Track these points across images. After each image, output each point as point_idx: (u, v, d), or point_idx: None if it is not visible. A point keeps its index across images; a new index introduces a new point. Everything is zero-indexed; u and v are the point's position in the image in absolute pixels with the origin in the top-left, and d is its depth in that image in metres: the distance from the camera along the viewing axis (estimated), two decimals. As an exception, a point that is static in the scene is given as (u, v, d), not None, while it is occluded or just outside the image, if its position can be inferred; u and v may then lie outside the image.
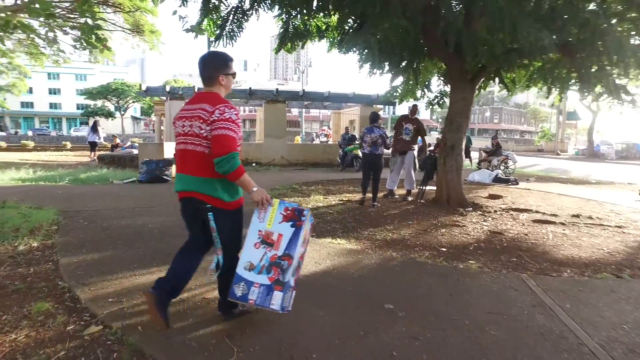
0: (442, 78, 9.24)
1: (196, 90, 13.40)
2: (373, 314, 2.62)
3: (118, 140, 19.71)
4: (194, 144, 2.12)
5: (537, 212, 6.31)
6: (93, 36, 5.96)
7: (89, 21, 5.92)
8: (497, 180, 10.52)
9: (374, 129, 6.27)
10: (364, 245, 4.27)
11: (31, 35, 23.04)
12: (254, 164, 13.42)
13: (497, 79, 7.14)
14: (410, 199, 7.09)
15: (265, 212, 2.25)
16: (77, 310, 2.52)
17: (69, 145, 27.01)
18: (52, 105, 67.04)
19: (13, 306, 2.56)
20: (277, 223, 2.24)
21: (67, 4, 19.63)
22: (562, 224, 5.50)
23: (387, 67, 6.49)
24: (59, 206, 5.49)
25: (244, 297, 2.17)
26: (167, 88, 13.15)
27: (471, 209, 6.33)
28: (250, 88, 13.35)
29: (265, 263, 2.19)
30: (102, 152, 15.50)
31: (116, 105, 52.98)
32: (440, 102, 9.52)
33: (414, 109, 7.27)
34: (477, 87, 6.61)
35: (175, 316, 2.46)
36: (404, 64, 6.64)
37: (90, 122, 17.66)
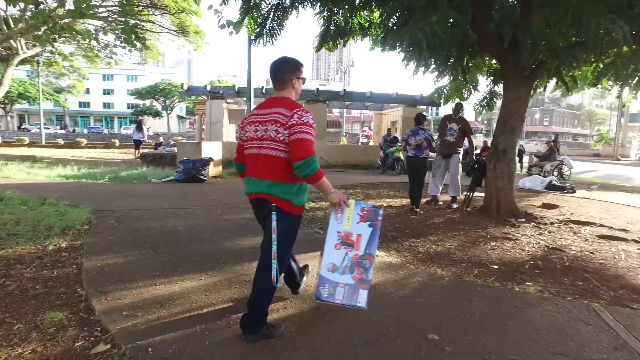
0: (491, 77, 8.60)
1: (236, 89, 13.45)
2: (414, 347, 2.25)
3: (161, 139, 20.32)
4: (269, 148, 2.13)
5: (601, 225, 5.62)
6: (133, 35, 5.98)
7: (130, 20, 5.93)
8: (550, 187, 9.68)
9: (419, 131, 5.96)
10: (405, 259, 3.88)
11: (87, 40, 24.34)
12: (291, 165, 13.25)
13: (555, 77, 6.50)
14: (455, 206, 6.57)
15: (342, 213, 2.31)
16: (89, 323, 2.34)
17: (117, 143, 28.24)
18: (106, 105, 70.89)
19: (29, 313, 2.43)
20: (354, 224, 2.32)
21: (118, 8, 20.53)
22: (636, 241, 4.82)
23: (433, 65, 6.03)
24: (94, 205, 5.50)
25: (330, 297, 2.28)
26: (208, 87, 13.26)
27: (524, 219, 5.74)
28: (289, 88, 13.20)
29: (348, 263, 2.29)
30: (145, 151, 15.96)
31: (163, 104, 55.18)
32: (490, 103, 8.85)
33: (458, 108, 6.77)
34: (533, 85, 5.99)
35: (191, 339, 2.22)
36: (452, 60, 6.14)
37: (145, 121, 18.33)
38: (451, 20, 5.40)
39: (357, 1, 6.58)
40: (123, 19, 21.19)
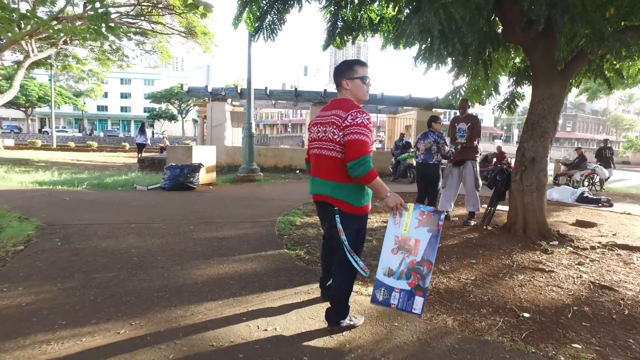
0: (513, 78, 7.61)
1: (239, 90, 12.73)
2: None
3: (167, 142, 19.81)
4: (328, 149, 2.22)
5: (656, 252, 4.58)
6: (103, 25, 5.24)
7: (97, 5, 5.19)
8: (582, 200, 8.58)
9: (428, 134, 5.38)
10: (404, 300, 2.97)
11: (99, 43, 24.19)
12: (297, 171, 12.45)
13: (596, 73, 5.49)
14: (473, 223, 5.61)
15: (400, 217, 2.27)
16: None
17: (127, 146, 27.99)
18: (123, 109, 71.74)
19: None
20: (413, 228, 2.26)
21: (129, 9, 20.26)
22: None
23: (449, 59, 5.12)
24: (51, 217, 4.76)
25: (385, 301, 2.27)
26: (209, 89, 12.58)
27: (557, 242, 4.75)
28: (295, 89, 12.43)
29: (404, 268, 2.24)
30: (146, 154, 15.38)
31: (178, 108, 55.32)
32: (511, 106, 7.85)
33: (463, 104, 5.85)
34: (569, 82, 5.01)
35: None
36: (471, 53, 5.20)
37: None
38: (470, 1, 4.49)
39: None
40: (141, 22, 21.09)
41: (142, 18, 20.12)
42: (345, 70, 2.28)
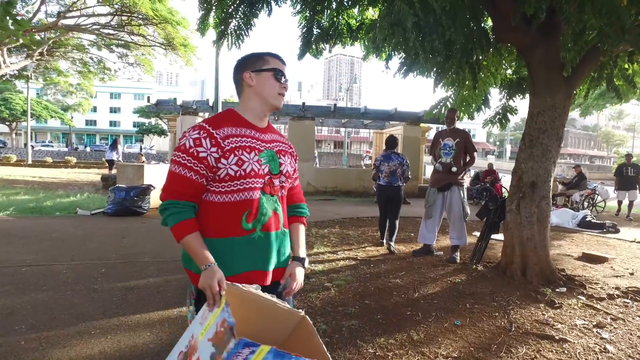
0: (505, 90, 6.79)
1: (210, 103, 11.80)
2: None
3: (143, 158, 18.79)
4: None
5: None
6: (7, 17, 4.30)
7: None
8: (585, 224, 7.66)
9: (391, 156, 5.01)
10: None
11: (81, 55, 23.42)
12: (273, 191, 11.44)
13: (605, 79, 4.62)
14: (459, 259, 4.63)
15: (210, 311, 1.22)
16: None
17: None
18: (112, 123, 70.62)
19: None
20: (205, 339, 1.17)
21: (109, 18, 19.47)
22: None
23: (427, 61, 4.20)
24: None
25: None
26: (179, 101, 11.63)
27: (564, 288, 3.77)
28: (272, 102, 11.48)
29: None
30: (115, 172, 14.33)
31: (167, 123, 54.45)
32: (502, 120, 7.00)
33: (451, 115, 4.88)
34: (575, 89, 4.12)
35: None
36: (455, 54, 4.31)
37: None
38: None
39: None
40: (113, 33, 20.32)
41: (123, 29, 19.41)
42: (249, 60, 1.43)
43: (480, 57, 4.78)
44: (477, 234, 5.19)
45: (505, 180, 10.67)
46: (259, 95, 1.39)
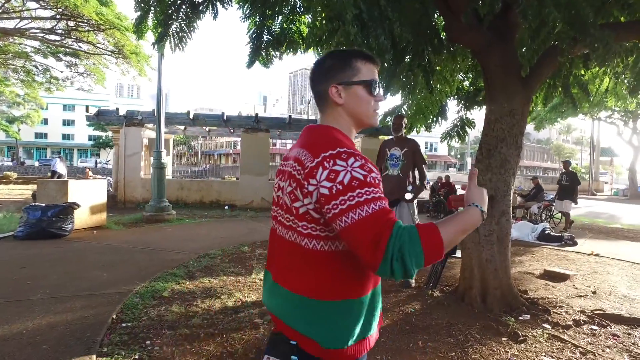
0: (463, 102, 6.56)
1: (155, 114, 10.97)
2: None
3: (90, 173, 17.52)
4: (285, 226, 1.11)
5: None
6: None
7: None
8: (544, 237, 7.46)
9: None
10: None
11: (25, 63, 21.83)
12: (226, 207, 10.73)
13: (561, 86, 4.37)
14: (413, 282, 4.15)
15: None
16: None
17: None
18: (65, 136, 66.96)
19: None
20: None
21: (53, 23, 18.17)
22: None
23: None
24: None
25: None
26: (122, 112, 10.75)
27: (528, 315, 3.36)
28: (223, 113, 10.83)
29: None
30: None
31: (111, 136, 52.22)
32: (461, 133, 6.76)
33: (398, 121, 4.27)
34: (533, 93, 3.79)
35: None
36: (405, 53, 3.89)
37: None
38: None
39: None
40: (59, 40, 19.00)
41: (69, 36, 18.17)
42: (335, 68, 1.08)
43: (435, 60, 4.39)
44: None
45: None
46: (351, 116, 1.08)
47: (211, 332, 2.89)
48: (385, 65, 3.95)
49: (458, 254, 4.49)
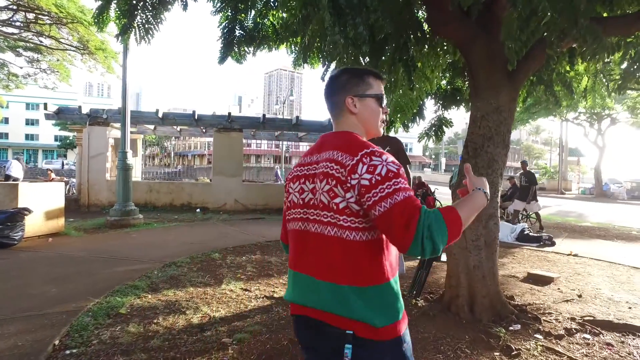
0: (440, 102, 6.44)
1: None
2: None
3: (53, 175, 16.57)
4: (324, 223, 1.28)
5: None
6: None
7: None
8: (523, 238, 7.41)
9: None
10: None
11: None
12: (198, 210, 10.24)
13: (543, 83, 4.22)
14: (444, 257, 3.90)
15: None
16: None
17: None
18: (29, 137, 63.92)
19: None
20: None
21: (15, 19, 17.06)
22: None
23: (347, 51, 3.47)
24: None
25: None
26: (85, 110, 10.09)
27: (519, 325, 3.15)
28: (194, 112, 10.34)
29: None
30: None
31: (74, 136, 50.28)
32: (438, 132, 6.60)
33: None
34: (520, 88, 3.60)
35: None
36: (385, 44, 3.63)
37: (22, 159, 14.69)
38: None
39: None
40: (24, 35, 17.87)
41: (28, 29, 17.11)
42: (351, 82, 1.25)
43: (416, 55, 4.16)
44: (417, 260, 4.52)
45: (440, 193, 10.39)
46: (363, 124, 1.26)
47: (172, 356, 2.54)
48: (361, 58, 3.70)
49: (443, 257, 4.28)
